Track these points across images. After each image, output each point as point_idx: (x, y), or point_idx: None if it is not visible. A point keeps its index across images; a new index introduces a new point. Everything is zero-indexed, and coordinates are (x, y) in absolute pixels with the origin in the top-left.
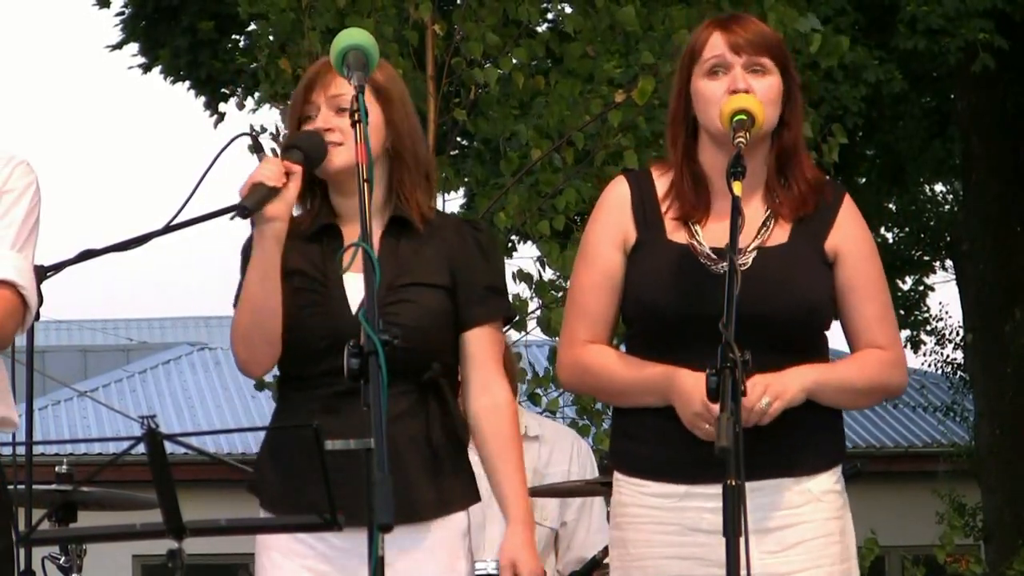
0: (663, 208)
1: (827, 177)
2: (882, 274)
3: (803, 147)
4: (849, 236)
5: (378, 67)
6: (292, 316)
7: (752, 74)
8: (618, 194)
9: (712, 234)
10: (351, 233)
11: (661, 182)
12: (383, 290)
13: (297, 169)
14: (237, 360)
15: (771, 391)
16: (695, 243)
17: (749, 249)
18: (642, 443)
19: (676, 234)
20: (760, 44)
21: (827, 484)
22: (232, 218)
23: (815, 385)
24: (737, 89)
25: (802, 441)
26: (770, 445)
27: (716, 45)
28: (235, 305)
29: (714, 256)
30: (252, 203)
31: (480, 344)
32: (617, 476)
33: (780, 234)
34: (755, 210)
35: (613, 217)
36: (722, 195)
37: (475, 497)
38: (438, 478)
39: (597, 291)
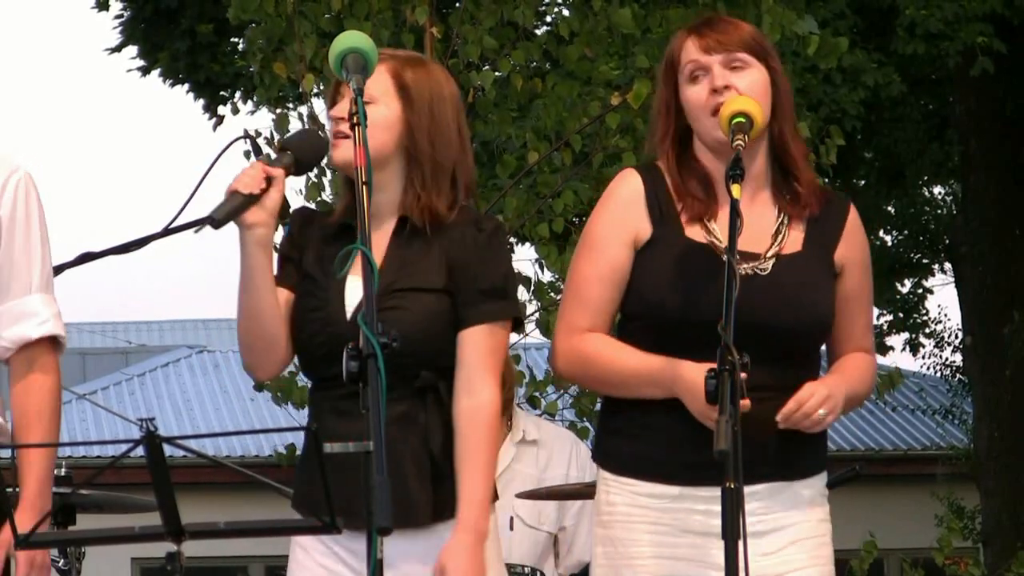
0: (678, 205)
1: (826, 183)
2: (872, 282)
3: (797, 140)
4: (856, 249)
5: (413, 65)
6: (297, 321)
7: (732, 71)
8: (631, 188)
9: (725, 234)
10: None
11: (671, 177)
12: (379, 294)
13: (278, 173)
14: (243, 363)
15: (829, 404)
16: (715, 241)
17: (768, 256)
18: (636, 442)
19: (693, 232)
20: (732, 41)
21: (818, 487)
22: (197, 231)
23: (844, 399)
24: (716, 87)
25: (798, 445)
26: (768, 449)
27: (690, 50)
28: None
29: (737, 256)
30: (221, 214)
31: (469, 346)
32: (604, 475)
33: (795, 241)
34: (766, 213)
35: (625, 211)
36: (727, 197)
37: None
38: (435, 483)
39: (601, 283)
